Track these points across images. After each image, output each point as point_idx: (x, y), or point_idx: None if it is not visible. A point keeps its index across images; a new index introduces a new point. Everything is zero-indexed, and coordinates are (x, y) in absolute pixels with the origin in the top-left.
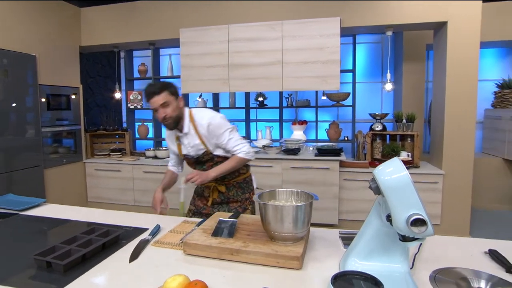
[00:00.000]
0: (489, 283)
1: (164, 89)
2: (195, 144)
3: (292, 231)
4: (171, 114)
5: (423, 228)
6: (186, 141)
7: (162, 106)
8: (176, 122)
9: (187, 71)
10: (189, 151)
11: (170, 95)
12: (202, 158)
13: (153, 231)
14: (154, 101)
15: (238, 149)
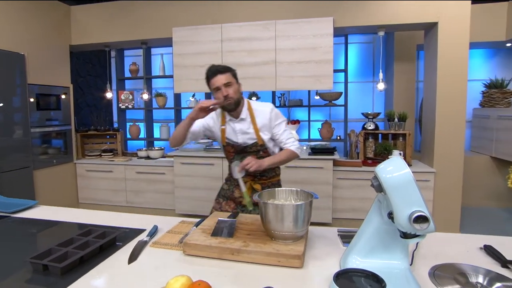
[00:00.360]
0: (486, 278)
1: (228, 70)
2: (247, 132)
3: (293, 230)
4: (232, 95)
5: (425, 225)
6: (239, 126)
7: (225, 86)
8: (235, 104)
9: (180, 71)
10: (238, 137)
11: (232, 77)
12: (248, 148)
13: (150, 232)
14: (218, 79)
15: (290, 142)
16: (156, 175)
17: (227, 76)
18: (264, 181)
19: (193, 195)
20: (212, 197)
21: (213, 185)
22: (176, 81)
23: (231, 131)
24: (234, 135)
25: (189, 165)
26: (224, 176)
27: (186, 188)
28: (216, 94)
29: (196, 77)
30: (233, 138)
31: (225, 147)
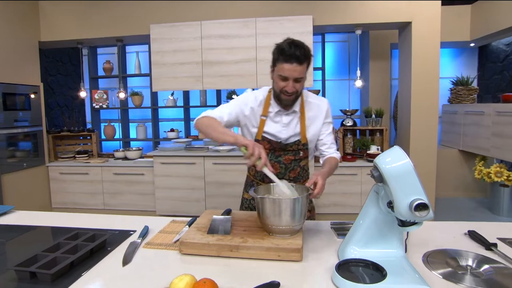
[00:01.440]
0: (475, 261)
1: (308, 59)
2: (293, 127)
3: (290, 224)
4: (298, 89)
5: (424, 213)
6: (287, 119)
7: (295, 80)
8: (295, 99)
9: (158, 69)
10: (280, 131)
11: (307, 68)
12: (289, 146)
13: (142, 233)
14: (291, 69)
15: (334, 148)
16: (135, 176)
17: (304, 69)
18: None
19: (174, 196)
20: (194, 196)
21: (195, 185)
22: (154, 79)
23: (274, 124)
24: (277, 129)
25: (169, 165)
26: (206, 174)
27: (167, 189)
28: (278, 80)
29: (174, 75)
30: (275, 133)
31: (260, 141)
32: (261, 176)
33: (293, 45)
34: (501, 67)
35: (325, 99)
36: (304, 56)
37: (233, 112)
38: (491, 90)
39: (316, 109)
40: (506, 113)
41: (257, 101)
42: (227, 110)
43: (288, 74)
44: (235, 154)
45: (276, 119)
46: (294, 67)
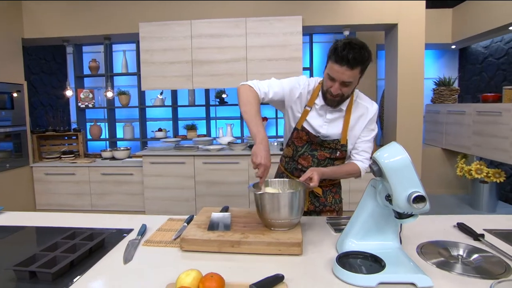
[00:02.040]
0: (465, 251)
1: (361, 64)
2: (335, 126)
3: (289, 217)
4: (344, 93)
5: (422, 204)
6: (331, 116)
7: (342, 84)
8: (341, 101)
9: (148, 67)
10: (322, 126)
11: (359, 73)
12: (326, 143)
13: (140, 231)
14: (341, 72)
15: (363, 157)
16: (124, 176)
17: (354, 74)
18: (326, 183)
19: (164, 195)
20: (184, 196)
21: (184, 184)
22: (143, 78)
23: (318, 117)
24: (319, 123)
25: (159, 164)
26: (196, 174)
27: (156, 189)
28: (326, 79)
29: (164, 74)
30: (316, 126)
31: (299, 131)
32: (291, 168)
33: (348, 47)
34: (480, 68)
35: (375, 104)
36: (357, 61)
37: (281, 92)
38: (471, 91)
39: (364, 111)
40: (486, 113)
41: (308, 88)
42: (275, 88)
43: (336, 76)
44: (226, 153)
45: (320, 112)
46: (343, 70)
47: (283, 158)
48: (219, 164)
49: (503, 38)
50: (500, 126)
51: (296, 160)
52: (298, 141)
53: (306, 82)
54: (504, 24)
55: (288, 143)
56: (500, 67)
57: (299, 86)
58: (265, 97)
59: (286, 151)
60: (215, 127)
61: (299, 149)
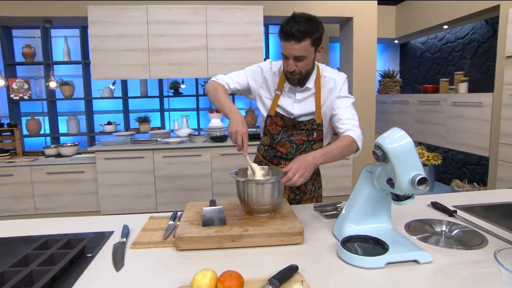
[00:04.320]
0: (447, 226)
1: (308, 36)
2: (307, 105)
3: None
4: (301, 69)
5: (424, 186)
6: (300, 96)
7: (295, 59)
8: (302, 78)
9: (99, 55)
10: (293, 107)
11: (311, 46)
12: (302, 125)
13: (123, 233)
14: (290, 47)
15: (353, 125)
16: (73, 175)
17: (304, 46)
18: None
19: (120, 193)
20: (143, 192)
21: (144, 180)
22: (94, 66)
23: (288, 99)
24: (290, 104)
25: (114, 160)
26: (156, 168)
27: (112, 186)
28: (282, 58)
29: (118, 62)
30: (288, 108)
31: (272, 118)
32: (270, 156)
33: (292, 21)
34: (418, 62)
35: (342, 73)
36: (303, 33)
37: (244, 81)
38: (411, 82)
39: (332, 83)
40: (426, 102)
41: (271, 71)
42: (238, 78)
43: (287, 53)
44: (186, 146)
45: (289, 95)
46: (291, 45)
47: (262, 147)
48: (180, 158)
49: (436, 35)
50: (438, 114)
51: (274, 148)
52: (273, 128)
53: (268, 66)
54: (439, 23)
55: (264, 131)
56: (435, 62)
57: (261, 70)
58: (228, 88)
59: (264, 140)
60: (169, 119)
61: (275, 137)
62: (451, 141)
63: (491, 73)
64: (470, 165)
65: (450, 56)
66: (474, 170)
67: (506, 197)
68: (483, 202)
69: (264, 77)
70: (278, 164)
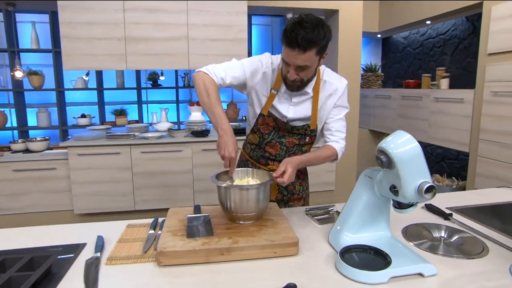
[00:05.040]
0: (446, 232)
1: (315, 46)
2: (302, 109)
3: (255, 210)
4: (303, 78)
5: (431, 194)
6: (296, 99)
7: (298, 68)
8: (302, 86)
9: (71, 44)
10: (287, 110)
11: (315, 55)
12: (295, 129)
13: (98, 246)
14: (293, 57)
15: (340, 138)
16: (44, 172)
17: (309, 57)
18: None
19: (96, 190)
20: (120, 190)
21: (120, 177)
22: (65, 55)
23: (283, 101)
24: (284, 107)
25: (88, 156)
26: (133, 165)
27: (86, 183)
28: (283, 65)
29: (92, 52)
30: (282, 110)
31: (265, 117)
32: (257, 156)
33: (298, 27)
34: (399, 57)
35: (343, 79)
36: (310, 42)
37: (241, 75)
38: (392, 77)
39: (332, 89)
40: (409, 97)
41: (271, 67)
42: (234, 71)
43: (289, 61)
44: (166, 141)
45: (285, 96)
46: (295, 54)
47: (248, 145)
48: (159, 153)
49: (418, 30)
50: (421, 110)
51: (263, 148)
52: (264, 127)
53: (269, 60)
54: (423, 19)
55: (253, 129)
56: (416, 57)
57: (262, 65)
58: (223, 83)
59: (252, 138)
60: (147, 111)
61: (265, 137)
62: (433, 136)
63: (471, 69)
64: (448, 160)
65: (432, 52)
66: (453, 165)
67: (496, 196)
68: (475, 203)
69: (264, 73)
70: (266, 165)
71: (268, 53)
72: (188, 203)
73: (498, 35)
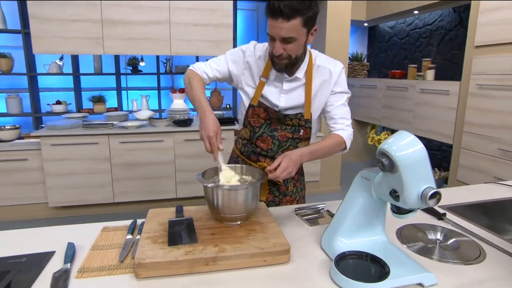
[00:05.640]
0: (441, 234)
1: (299, 14)
2: (295, 97)
3: (245, 211)
4: (290, 53)
5: (435, 200)
6: (288, 86)
7: (283, 41)
8: (291, 64)
9: (41, 25)
10: (278, 98)
11: (302, 26)
12: (288, 119)
13: (67, 256)
14: (277, 26)
15: (346, 125)
16: (14, 163)
17: (293, 26)
18: None
19: (72, 183)
20: (98, 182)
21: (97, 168)
22: (34, 38)
23: (273, 88)
24: (275, 95)
25: (63, 146)
26: (112, 156)
27: (61, 175)
28: (268, 40)
29: (65, 35)
30: (273, 99)
31: (255, 108)
32: (248, 152)
33: None
34: (386, 46)
35: (339, 63)
36: (293, 10)
37: (224, 67)
38: (378, 66)
39: (326, 74)
40: (394, 88)
41: (255, 56)
42: (216, 65)
43: (273, 33)
44: (147, 131)
45: (276, 84)
46: (278, 24)
47: (240, 140)
48: (139, 143)
49: (405, 20)
50: (406, 101)
51: (254, 143)
52: (255, 120)
53: (251, 49)
54: (411, 8)
55: (244, 123)
56: (402, 47)
57: (243, 54)
58: (207, 77)
59: (243, 133)
60: (127, 99)
61: (256, 130)
62: (417, 128)
63: (456, 61)
64: (431, 151)
65: (418, 42)
66: (435, 156)
67: (486, 193)
68: (467, 200)
69: (246, 62)
70: (257, 161)
71: (254, 41)
72: (170, 194)
73: (486, 27)
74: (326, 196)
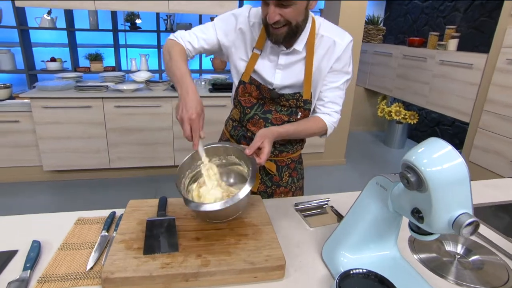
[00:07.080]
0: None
1: None
2: (292, 73)
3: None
4: (289, 18)
5: (470, 230)
6: (284, 60)
7: (278, 4)
8: (290, 34)
9: None
10: (273, 74)
11: None
12: (284, 99)
13: (30, 258)
14: None
15: (333, 111)
16: (6, 124)
17: None
18: (283, 157)
19: (66, 147)
20: (93, 146)
21: (92, 133)
22: None
23: (268, 62)
24: (270, 71)
25: (55, 109)
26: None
27: (55, 139)
28: (262, 6)
29: None
30: (266, 75)
31: (246, 85)
32: (238, 135)
33: None
34: (405, 10)
35: (347, 35)
36: None
37: (212, 37)
38: (394, 32)
39: (330, 46)
40: (411, 57)
41: (249, 22)
42: (203, 34)
43: None
44: (143, 95)
45: (271, 57)
46: None
47: (230, 121)
48: (135, 108)
49: None
50: (423, 72)
51: (245, 126)
52: (245, 99)
53: (245, 14)
54: None
55: (234, 102)
56: (424, 11)
57: (236, 20)
58: (192, 48)
59: (234, 113)
60: (126, 57)
61: (247, 111)
62: (431, 102)
63: (483, 29)
64: (443, 125)
65: (442, 7)
66: (446, 131)
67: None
68: (488, 200)
69: (239, 30)
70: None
71: (249, 5)
72: (168, 161)
73: None
74: (330, 169)
